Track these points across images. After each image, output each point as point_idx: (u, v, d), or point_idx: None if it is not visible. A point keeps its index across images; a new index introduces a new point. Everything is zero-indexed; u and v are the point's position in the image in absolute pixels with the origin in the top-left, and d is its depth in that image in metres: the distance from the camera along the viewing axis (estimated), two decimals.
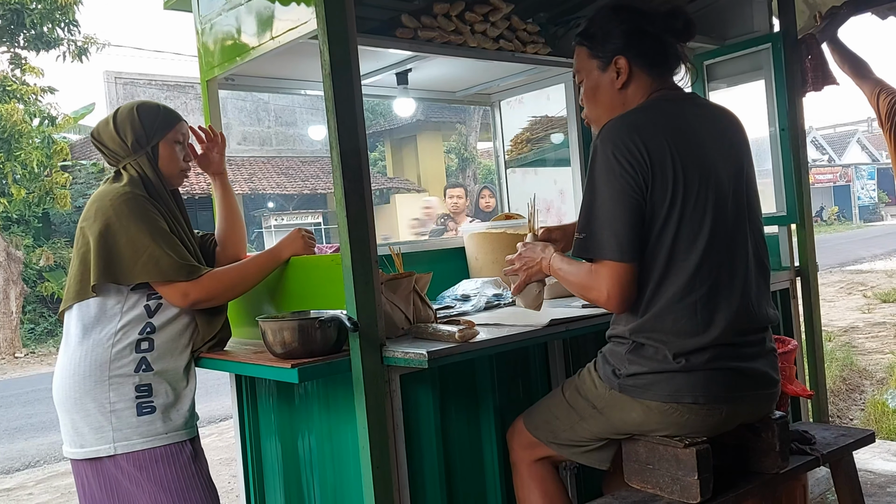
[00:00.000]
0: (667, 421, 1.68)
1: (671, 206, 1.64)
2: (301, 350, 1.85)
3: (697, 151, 1.69)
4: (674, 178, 1.64)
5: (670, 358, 1.65)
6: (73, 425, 1.98)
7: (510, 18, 2.83)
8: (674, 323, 1.65)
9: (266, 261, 2.18)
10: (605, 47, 1.79)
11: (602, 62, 1.80)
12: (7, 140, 12.48)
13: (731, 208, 1.72)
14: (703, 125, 1.75)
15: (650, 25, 1.78)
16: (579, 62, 1.87)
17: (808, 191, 3.22)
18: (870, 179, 38.42)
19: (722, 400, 1.67)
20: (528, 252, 1.94)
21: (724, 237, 1.69)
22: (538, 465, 1.95)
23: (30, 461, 5.67)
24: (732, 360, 1.68)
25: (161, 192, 2.09)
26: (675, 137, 1.67)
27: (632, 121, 1.70)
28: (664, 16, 1.79)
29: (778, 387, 1.79)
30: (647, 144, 1.64)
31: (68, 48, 13.22)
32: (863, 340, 7.36)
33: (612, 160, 1.64)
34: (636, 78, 1.78)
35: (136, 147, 2.08)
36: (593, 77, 1.83)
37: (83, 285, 1.98)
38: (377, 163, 20.82)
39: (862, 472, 2.26)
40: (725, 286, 1.68)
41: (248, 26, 2.42)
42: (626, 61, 1.77)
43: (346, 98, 1.84)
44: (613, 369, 1.74)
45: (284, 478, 2.37)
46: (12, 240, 13.19)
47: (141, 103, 2.14)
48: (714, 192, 1.68)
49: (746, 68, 3.35)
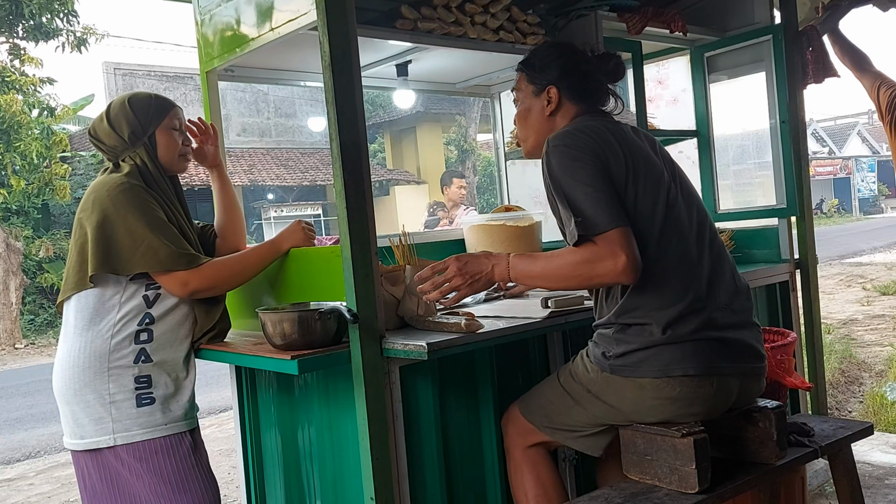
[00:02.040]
0: (660, 396, 1.72)
1: (626, 182, 1.76)
2: (301, 342, 1.85)
3: (631, 141, 1.85)
4: (623, 157, 1.78)
5: (658, 332, 1.72)
6: (73, 416, 1.99)
7: (510, 9, 2.82)
8: (652, 297, 1.73)
9: (266, 252, 2.18)
10: (541, 76, 1.97)
11: (536, 88, 1.98)
12: (6, 131, 12.45)
13: (677, 187, 1.84)
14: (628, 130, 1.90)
15: (584, 64, 1.96)
16: (519, 85, 2.04)
17: (808, 183, 3.22)
18: (870, 172, 38.39)
19: (711, 370, 1.72)
20: (470, 266, 1.84)
21: (680, 211, 1.80)
22: (532, 451, 1.98)
23: (30, 451, 5.69)
24: (718, 330, 1.74)
25: (159, 182, 2.08)
26: (611, 129, 1.84)
27: (570, 128, 1.85)
28: (598, 57, 1.98)
29: (765, 362, 1.86)
30: (592, 137, 1.79)
31: (67, 39, 13.16)
32: (862, 333, 7.38)
33: (570, 151, 1.76)
34: (564, 107, 1.96)
35: (133, 139, 2.07)
36: (527, 101, 2.01)
37: (81, 276, 1.98)
38: (377, 154, 20.78)
39: (860, 464, 2.28)
40: (689, 254, 1.77)
41: (248, 17, 2.42)
42: (557, 91, 1.94)
43: (346, 89, 1.83)
44: (603, 352, 1.80)
45: (284, 469, 2.38)
46: (12, 231, 13.19)
47: (132, 95, 2.12)
48: (657, 172, 1.82)
49: (747, 60, 3.35)
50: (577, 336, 2.48)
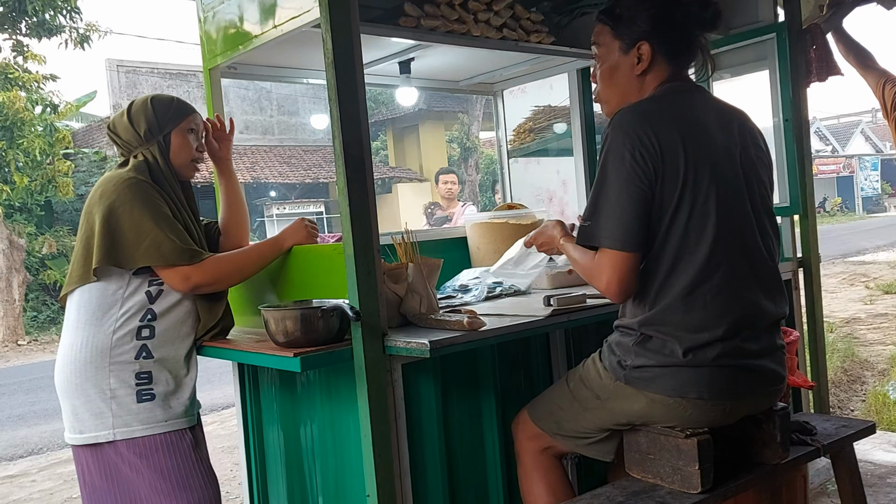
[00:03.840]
0: (670, 414, 1.68)
1: (681, 198, 1.63)
2: (303, 339, 1.85)
3: (707, 144, 1.68)
4: (684, 169, 1.63)
5: (679, 352, 1.64)
6: (74, 411, 1.99)
7: (514, 7, 2.82)
8: (683, 317, 1.64)
9: (268, 249, 2.18)
10: (630, 30, 1.75)
11: (625, 44, 1.77)
12: (9, 128, 12.47)
13: (741, 202, 1.70)
14: (713, 118, 1.73)
15: (679, 14, 1.74)
16: (601, 39, 1.82)
17: (811, 181, 3.22)
18: (873, 170, 38.30)
19: (727, 396, 1.67)
20: (543, 232, 2.03)
21: (734, 230, 1.68)
22: (542, 456, 1.95)
23: (33, 448, 5.70)
24: (740, 358, 1.66)
25: (168, 179, 2.10)
26: (686, 129, 1.66)
27: (644, 110, 1.69)
28: (695, 4, 1.74)
29: (784, 382, 1.78)
30: (658, 135, 1.62)
31: (70, 36, 13.16)
32: (864, 331, 7.36)
33: (622, 149, 1.62)
34: (656, 65, 1.76)
35: (149, 136, 2.10)
36: (613, 58, 1.80)
37: (85, 269, 1.99)
38: (379, 152, 20.77)
39: (862, 463, 2.27)
40: (736, 280, 1.67)
41: (251, 14, 2.41)
42: (650, 48, 1.74)
43: (349, 87, 1.83)
44: (619, 360, 1.73)
45: (287, 466, 2.38)
46: (15, 228, 13.20)
47: (155, 96, 2.18)
48: (723, 186, 1.67)
49: (750, 58, 3.34)
50: (580, 335, 2.48)
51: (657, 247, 1.65)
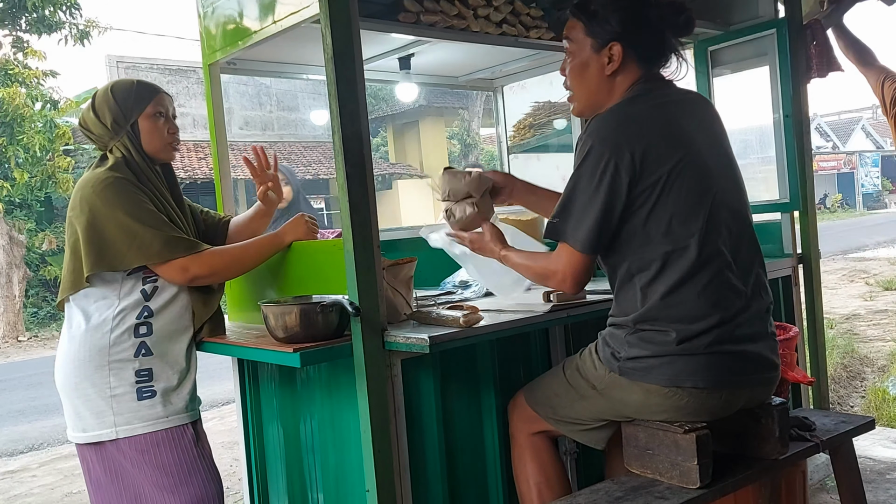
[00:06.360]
0: (666, 404, 1.70)
1: (663, 197, 1.66)
2: (303, 334, 1.85)
3: (686, 142, 1.70)
4: (665, 170, 1.66)
5: (673, 343, 1.66)
6: (75, 410, 1.99)
7: (513, 3, 2.81)
8: (676, 310, 1.67)
9: (268, 243, 2.18)
10: (602, 29, 1.75)
11: (597, 43, 1.77)
12: (9, 124, 12.44)
13: (723, 194, 1.73)
14: (686, 115, 1.76)
15: (652, 17, 1.75)
16: (573, 34, 1.82)
17: (811, 178, 3.21)
18: (874, 167, 38.29)
19: (722, 384, 1.68)
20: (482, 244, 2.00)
21: (721, 223, 1.71)
22: (536, 438, 1.99)
23: (33, 443, 5.71)
24: (734, 344, 1.69)
25: (146, 172, 2.06)
26: (664, 130, 1.70)
27: (621, 118, 1.72)
28: (667, 9, 1.76)
29: (778, 371, 1.80)
30: (636, 143, 1.65)
31: (70, 32, 13.13)
32: (864, 328, 7.37)
33: (599, 160, 1.66)
34: (627, 67, 1.77)
35: (116, 127, 2.05)
36: (584, 55, 1.80)
37: (77, 277, 1.98)
38: (379, 148, 20.75)
39: (862, 459, 2.28)
40: (726, 270, 1.70)
41: (251, 10, 2.41)
42: (622, 49, 1.74)
43: (349, 83, 1.83)
44: (613, 352, 1.76)
45: (286, 461, 2.38)
46: (15, 224, 13.19)
47: (115, 83, 2.09)
48: (706, 181, 1.70)
49: (751, 54, 3.33)
50: (579, 330, 2.48)
51: (645, 246, 1.68)
